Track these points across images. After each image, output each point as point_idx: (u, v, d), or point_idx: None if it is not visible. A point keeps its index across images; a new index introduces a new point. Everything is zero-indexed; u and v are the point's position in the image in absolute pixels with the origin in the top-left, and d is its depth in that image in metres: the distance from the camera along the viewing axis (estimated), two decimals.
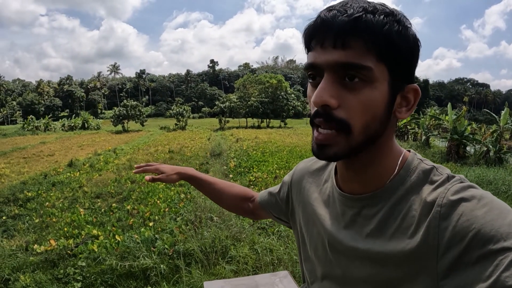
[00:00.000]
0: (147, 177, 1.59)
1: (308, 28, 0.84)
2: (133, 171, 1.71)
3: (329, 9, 0.80)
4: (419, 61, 0.86)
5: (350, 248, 0.92)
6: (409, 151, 0.95)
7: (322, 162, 1.18)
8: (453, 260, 0.71)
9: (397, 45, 0.78)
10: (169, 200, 10.26)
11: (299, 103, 68.94)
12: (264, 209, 1.43)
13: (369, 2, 0.80)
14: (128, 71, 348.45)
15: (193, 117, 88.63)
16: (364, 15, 0.76)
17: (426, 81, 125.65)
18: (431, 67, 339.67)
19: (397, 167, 0.90)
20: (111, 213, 9.51)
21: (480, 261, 0.67)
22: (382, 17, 0.77)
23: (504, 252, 0.65)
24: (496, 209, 0.71)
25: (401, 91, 0.84)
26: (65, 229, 8.13)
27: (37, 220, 9.14)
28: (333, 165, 1.10)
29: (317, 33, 0.81)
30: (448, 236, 0.73)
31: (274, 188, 1.41)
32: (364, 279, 0.89)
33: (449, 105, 22.28)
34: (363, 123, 0.80)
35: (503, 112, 19.21)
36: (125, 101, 58.13)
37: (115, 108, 58.07)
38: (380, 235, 0.86)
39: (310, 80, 0.86)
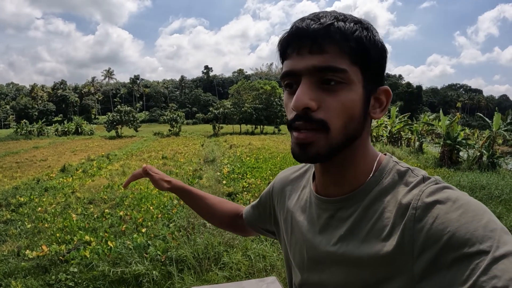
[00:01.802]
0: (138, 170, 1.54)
1: (283, 38, 0.87)
2: (123, 184, 1.62)
3: (302, 19, 0.85)
4: (413, 67, 0.89)
5: (325, 253, 0.92)
6: (385, 154, 0.96)
7: (301, 170, 1.19)
8: (428, 263, 0.71)
9: (368, 49, 0.83)
10: (162, 206, 10.23)
11: None
12: (251, 226, 1.42)
13: (339, 12, 0.85)
14: (123, 77, 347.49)
15: (187, 123, 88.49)
16: (335, 22, 0.81)
17: (419, 87, 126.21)
18: (425, 73, 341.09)
19: (373, 170, 0.91)
20: (104, 219, 9.46)
21: (455, 265, 0.67)
22: (352, 24, 0.82)
23: (480, 256, 0.64)
24: (471, 211, 0.71)
25: (374, 93, 0.87)
26: (57, 234, 8.09)
27: (29, 226, 9.08)
28: (311, 171, 1.11)
29: (293, 41, 0.84)
30: (422, 238, 0.72)
31: (256, 201, 1.40)
32: (341, 285, 0.88)
33: (441, 111, 22.38)
34: (342, 123, 0.82)
35: (494, 117, 19.30)
36: (119, 106, 58.09)
37: (109, 113, 57.91)
38: (353, 237, 0.86)
39: (288, 89, 0.88)
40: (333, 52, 0.80)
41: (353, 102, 0.82)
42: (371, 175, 0.90)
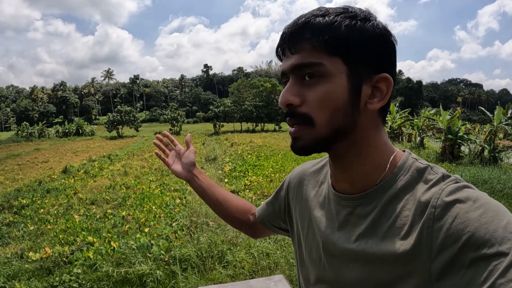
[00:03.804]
0: (157, 151, 1.61)
1: (277, 43, 0.93)
2: (155, 140, 1.67)
3: (288, 24, 0.89)
4: (414, 62, 0.86)
5: (344, 249, 0.91)
6: (404, 151, 0.94)
7: (318, 165, 1.17)
8: (446, 263, 0.70)
9: (347, 38, 0.82)
10: (164, 205, 10.25)
11: None
12: (263, 223, 1.39)
13: (322, 8, 0.87)
14: (123, 77, 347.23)
15: (188, 122, 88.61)
16: (311, 20, 0.84)
17: (419, 82, 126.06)
18: (425, 68, 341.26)
19: (388, 166, 0.88)
20: (106, 219, 9.48)
21: (474, 265, 0.66)
22: (331, 17, 0.83)
23: (499, 257, 0.63)
24: (491, 212, 0.70)
25: (367, 81, 0.84)
26: (60, 236, 8.10)
27: (32, 227, 9.10)
28: (328, 167, 1.09)
29: (279, 46, 0.91)
30: (441, 238, 0.72)
31: (271, 198, 1.38)
32: (357, 282, 0.87)
33: (440, 106, 22.35)
34: (326, 117, 0.83)
35: (496, 111, 19.26)
36: (119, 106, 58.10)
37: (109, 114, 58.01)
38: (372, 234, 0.85)
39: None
40: (307, 48, 0.83)
41: (333, 94, 0.82)
42: (386, 171, 0.88)
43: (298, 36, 0.84)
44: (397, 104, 32.39)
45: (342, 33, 0.81)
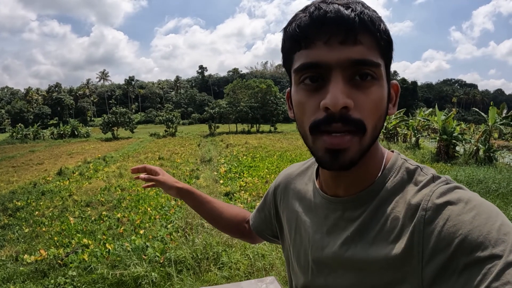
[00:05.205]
0: (143, 176, 1.49)
1: (301, 23, 0.76)
2: (132, 168, 1.54)
3: (325, 1, 0.74)
4: (409, 63, 0.84)
5: (332, 255, 0.88)
6: (392, 151, 0.92)
7: (303, 167, 1.14)
8: (439, 267, 0.68)
9: (389, 41, 0.78)
10: (159, 207, 10.23)
11: None
12: (258, 232, 1.35)
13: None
14: (119, 78, 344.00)
15: (183, 123, 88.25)
16: (366, 10, 0.73)
17: (414, 83, 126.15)
18: (420, 69, 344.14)
19: (381, 168, 0.86)
20: (101, 221, 9.45)
21: (467, 269, 0.64)
22: (375, 13, 0.75)
23: (493, 260, 0.61)
24: (484, 213, 0.67)
25: (389, 88, 0.82)
26: (55, 238, 8.08)
27: (27, 230, 9.06)
28: (313, 168, 1.07)
29: (321, 28, 0.73)
30: (433, 242, 0.69)
31: (260, 203, 1.34)
32: None
33: (436, 106, 22.44)
34: (373, 123, 0.76)
35: (490, 111, 19.31)
36: (114, 108, 57.89)
37: (104, 115, 57.79)
38: (361, 239, 0.82)
39: (308, 83, 0.77)
40: (368, 43, 0.73)
41: (382, 100, 0.77)
42: (379, 174, 0.86)
43: (360, 24, 0.72)
44: None
45: (388, 34, 0.77)
